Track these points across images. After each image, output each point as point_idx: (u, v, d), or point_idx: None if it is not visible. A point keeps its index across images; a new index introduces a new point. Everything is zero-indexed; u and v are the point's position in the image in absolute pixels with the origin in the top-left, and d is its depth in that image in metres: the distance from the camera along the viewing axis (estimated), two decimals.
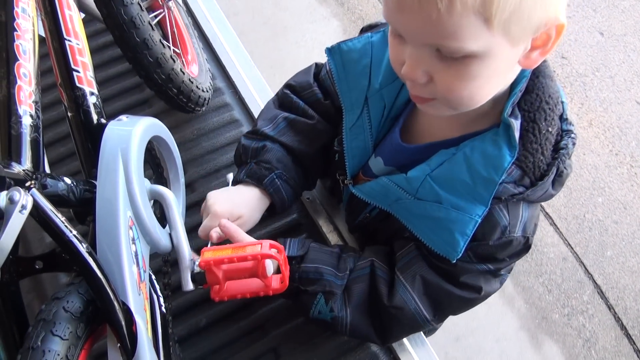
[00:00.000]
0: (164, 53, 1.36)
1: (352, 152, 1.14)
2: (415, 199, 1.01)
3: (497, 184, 0.93)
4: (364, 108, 1.09)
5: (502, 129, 0.93)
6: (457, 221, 0.97)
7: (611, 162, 2.84)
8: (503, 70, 0.85)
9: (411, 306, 1.08)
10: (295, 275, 1.12)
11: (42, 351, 0.81)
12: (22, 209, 0.83)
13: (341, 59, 1.10)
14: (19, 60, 1.01)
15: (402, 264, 1.10)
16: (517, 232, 1.00)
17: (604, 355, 2.43)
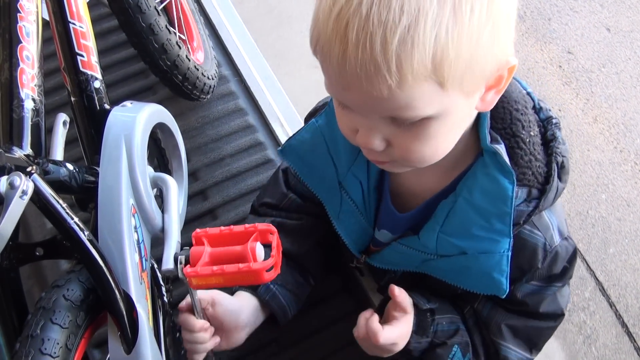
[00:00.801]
0: (170, 39, 1.34)
1: (351, 236, 1.10)
2: (439, 256, 0.98)
3: (510, 215, 0.89)
4: (341, 193, 1.05)
5: (488, 157, 0.89)
6: (489, 263, 0.94)
7: (615, 159, 2.82)
8: (461, 121, 0.82)
9: (514, 356, 1.06)
10: (430, 329, 1.04)
11: (41, 339, 0.80)
12: (23, 194, 0.82)
13: (297, 155, 1.07)
14: (22, 42, 0.99)
15: (485, 319, 1.06)
16: (557, 240, 0.96)
17: (604, 352, 2.42)
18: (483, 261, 0.94)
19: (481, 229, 0.92)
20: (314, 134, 1.04)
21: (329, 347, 1.30)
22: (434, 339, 1.05)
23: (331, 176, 1.04)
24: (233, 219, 1.45)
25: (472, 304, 1.08)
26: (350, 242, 1.11)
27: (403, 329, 1.00)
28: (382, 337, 0.96)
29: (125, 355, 0.90)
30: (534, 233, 0.94)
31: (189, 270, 0.93)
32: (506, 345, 1.05)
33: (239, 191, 1.49)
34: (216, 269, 0.91)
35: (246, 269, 0.91)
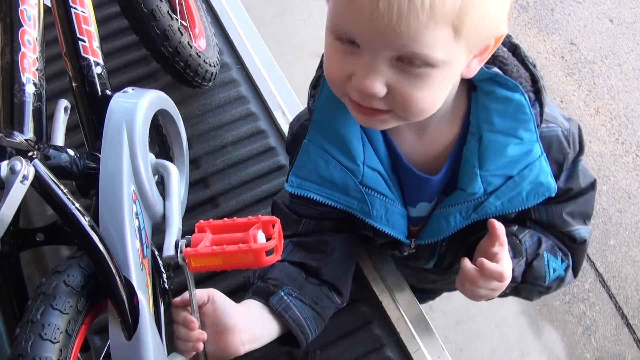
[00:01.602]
0: (172, 25, 1.33)
1: (394, 227, 1.09)
2: (489, 194, 1.01)
3: (532, 119, 0.96)
4: (365, 192, 1.04)
5: (487, 86, 0.96)
6: (533, 173, 0.99)
7: (617, 150, 2.82)
8: (454, 77, 0.87)
9: (587, 232, 1.14)
10: (523, 249, 1.09)
11: (41, 325, 0.80)
12: (24, 179, 0.81)
13: (308, 181, 1.05)
14: (23, 26, 0.98)
15: (547, 220, 1.11)
16: (566, 123, 1.04)
17: (603, 343, 2.43)
18: (528, 175, 0.99)
19: (514, 147, 0.97)
20: (311, 152, 1.04)
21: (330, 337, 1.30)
22: (528, 256, 1.09)
23: (350, 181, 1.03)
24: (234, 207, 1.45)
25: (528, 217, 1.12)
26: (395, 232, 1.10)
27: (508, 258, 1.03)
28: (506, 270, 0.99)
29: (126, 341, 0.90)
30: (550, 127, 1.01)
31: (189, 250, 0.92)
32: (574, 228, 1.11)
33: (240, 179, 1.49)
34: (216, 248, 0.92)
35: (246, 249, 0.90)
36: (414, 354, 1.28)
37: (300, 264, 1.14)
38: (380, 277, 1.35)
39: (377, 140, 1.02)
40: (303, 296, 1.11)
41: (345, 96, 0.88)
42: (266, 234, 0.96)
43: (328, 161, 1.03)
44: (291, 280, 1.12)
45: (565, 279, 1.15)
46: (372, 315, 1.32)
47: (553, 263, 1.11)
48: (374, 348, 1.29)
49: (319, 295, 1.14)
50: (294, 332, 1.10)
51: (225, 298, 1.06)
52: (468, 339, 2.40)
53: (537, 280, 1.11)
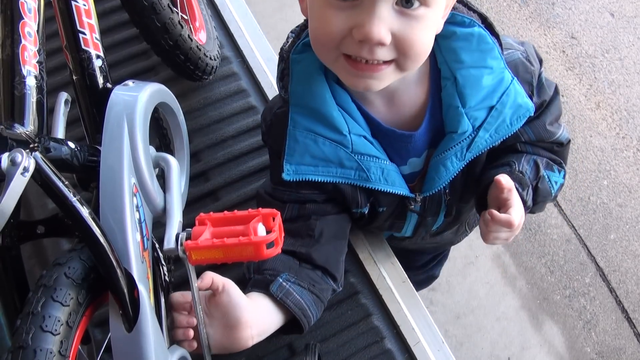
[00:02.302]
0: (172, 18, 1.33)
1: (393, 184, 1.12)
2: (478, 130, 1.06)
3: (495, 47, 1.03)
4: (358, 159, 1.08)
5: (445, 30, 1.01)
6: (511, 97, 1.05)
7: (618, 145, 2.82)
8: (439, 21, 0.95)
9: (566, 133, 1.21)
10: (525, 179, 1.14)
11: (42, 316, 0.80)
12: (24, 171, 0.81)
13: (303, 165, 1.08)
14: (23, 18, 0.98)
15: (534, 140, 1.18)
16: (521, 47, 1.11)
17: (603, 337, 2.43)
18: (507, 101, 1.05)
19: (488, 77, 1.04)
20: (298, 136, 1.07)
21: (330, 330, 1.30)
22: (531, 183, 1.15)
23: (342, 153, 1.07)
24: (235, 201, 1.45)
25: (518, 141, 1.18)
26: (397, 189, 1.12)
27: (517, 198, 1.09)
28: (515, 218, 1.06)
29: (127, 333, 0.90)
30: (509, 52, 1.09)
31: (190, 242, 0.93)
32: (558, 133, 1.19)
33: (240, 173, 1.48)
34: (217, 241, 0.92)
35: (246, 242, 0.91)
36: (414, 347, 1.28)
37: (292, 252, 1.15)
38: (380, 270, 1.35)
39: (352, 111, 1.06)
40: (301, 281, 1.13)
41: (338, 59, 0.93)
42: (267, 226, 0.97)
43: (316, 140, 1.06)
44: (287, 267, 1.13)
45: (564, 183, 1.24)
46: (372, 308, 1.32)
47: (554, 177, 1.19)
48: (374, 341, 1.29)
49: (315, 278, 1.16)
50: (297, 316, 1.10)
51: (238, 291, 1.06)
52: (468, 333, 2.40)
53: (545, 197, 1.19)
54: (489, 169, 1.17)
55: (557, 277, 2.53)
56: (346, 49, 0.90)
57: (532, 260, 2.56)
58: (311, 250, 1.15)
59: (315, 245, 1.16)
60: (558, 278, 2.53)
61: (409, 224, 1.28)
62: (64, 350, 0.80)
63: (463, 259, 2.52)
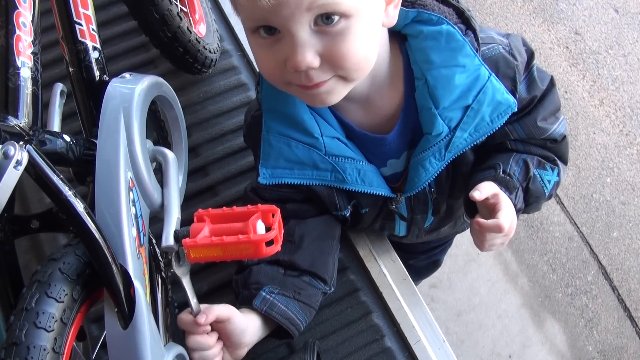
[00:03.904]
0: (171, 10, 1.32)
1: (372, 185, 1.11)
2: (455, 130, 1.04)
3: (465, 44, 0.99)
4: (333, 161, 1.08)
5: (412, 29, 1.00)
6: (488, 95, 1.02)
7: (621, 142, 2.80)
8: (374, 26, 0.90)
9: (563, 127, 1.17)
10: (515, 182, 1.12)
11: (36, 313, 0.79)
12: (17, 164, 0.80)
13: (279, 169, 1.09)
14: (18, 8, 0.96)
15: (525, 137, 1.15)
16: (505, 40, 1.07)
17: (605, 336, 2.42)
18: (484, 99, 1.02)
19: (460, 76, 1.00)
20: (271, 140, 1.08)
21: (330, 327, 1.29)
22: (521, 184, 1.13)
23: (315, 155, 1.07)
24: (234, 196, 1.43)
25: (507, 139, 1.16)
26: (376, 189, 1.12)
27: (506, 202, 1.08)
28: (503, 222, 1.04)
29: (122, 330, 0.89)
30: (490, 47, 1.05)
31: (188, 240, 0.91)
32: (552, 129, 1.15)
33: (240, 168, 1.47)
34: (215, 239, 0.90)
35: (245, 240, 0.89)
36: (414, 346, 1.27)
37: (275, 261, 1.16)
38: (381, 267, 1.34)
39: (325, 113, 1.06)
40: (285, 290, 1.14)
41: (289, 86, 0.93)
42: (266, 223, 0.95)
43: (289, 143, 1.07)
44: (270, 279, 1.15)
45: (560, 181, 1.20)
46: (372, 306, 1.31)
47: (546, 176, 1.16)
48: (374, 339, 1.28)
49: (301, 285, 1.16)
50: (284, 326, 1.13)
51: (242, 318, 1.10)
52: (469, 331, 2.39)
53: (538, 198, 1.17)
54: (477, 171, 1.15)
55: (559, 275, 2.52)
56: (288, 78, 0.91)
57: (534, 258, 2.55)
58: (294, 257, 1.16)
59: (297, 251, 1.17)
60: (560, 276, 2.52)
61: (400, 224, 1.28)
62: (57, 347, 0.79)
63: (464, 256, 2.51)
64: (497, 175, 1.11)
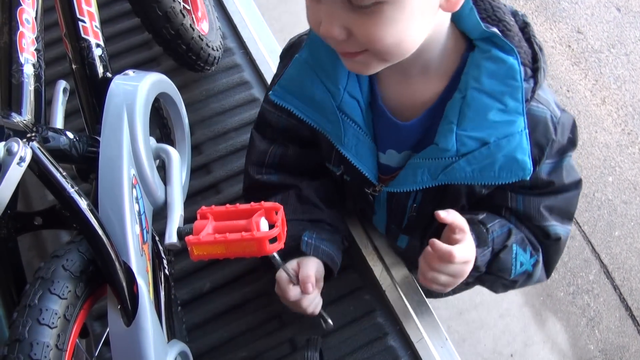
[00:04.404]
0: (174, 7, 1.32)
1: (361, 160, 1.08)
2: (461, 156, 0.99)
3: (522, 88, 0.93)
4: (341, 118, 1.04)
5: (484, 44, 0.94)
6: (511, 146, 0.96)
7: (623, 141, 2.80)
8: (421, 13, 0.83)
9: (563, 231, 1.11)
10: (489, 238, 1.06)
11: (39, 309, 0.79)
12: (21, 161, 0.80)
13: (290, 94, 1.07)
14: (21, 5, 0.96)
15: (522, 213, 1.09)
16: (558, 112, 1.01)
17: (607, 335, 2.42)
18: (505, 146, 0.96)
19: (497, 113, 0.95)
20: (300, 68, 1.05)
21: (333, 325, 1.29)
22: (494, 246, 1.07)
23: (328, 103, 1.04)
24: (237, 194, 1.43)
25: (504, 205, 1.10)
26: (362, 166, 1.09)
27: (470, 245, 1.02)
28: (456, 252, 0.97)
29: (125, 327, 0.89)
30: (540, 107, 0.99)
31: (191, 238, 0.91)
32: (550, 224, 1.10)
33: (242, 166, 1.46)
34: (219, 236, 0.90)
35: (249, 237, 0.89)
36: (417, 344, 1.27)
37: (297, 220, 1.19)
38: (384, 267, 1.34)
39: (361, 75, 1.03)
40: (318, 232, 1.18)
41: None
42: (269, 220, 0.95)
43: (313, 80, 1.04)
44: (301, 229, 1.17)
45: (533, 275, 1.13)
46: (375, 304, 1.31)
47: (521, 256, 1.09)
48: (377, 337, 1.28)
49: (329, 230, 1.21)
50: (330, 265, 1.17)
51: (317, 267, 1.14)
52: (471, 329, 2.39)
53: (502, 272, 1.09)
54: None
55: (561, 274, 2.51)
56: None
57: None
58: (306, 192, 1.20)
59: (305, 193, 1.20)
60: (562, 275, 2.51)
61: (377, 218, 1.26)
62: (61, 344, 0.79)
63: None
64: (475, 220, 1.06)
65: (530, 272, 1.11)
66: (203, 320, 1.29)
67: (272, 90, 1.08)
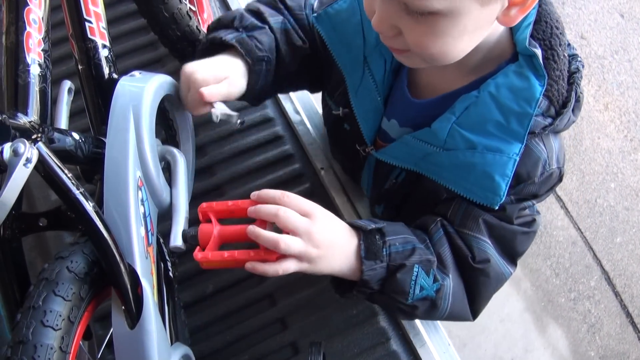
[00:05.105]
0: (180, 9, 1.31)
1: (364, 115, 1.08)
2: (444, 150, 0.97)
3: (531, 117, 0.91)
4: (364, 67, 1.05)
5: (524, 60, 0.91)
6: (495, 163, 0.93)
7: (625, 147, 2.80)
8: (474, 28, 0.83)
9: (494, 257, 1.02)
10: (383, 252, 0.96)
11: (43, 311, 0.78)
12: (27, 162, 0.79)
13: (330, 23, 1.07)
14: (29, 5, 0.96)
15: (460, 220, 1.02)
16: (554, 164, 0.98)
17: (608, 341, 2.42)
18: (489, 160, 0.94)
19: (497, 127, 0.93)
20: (351, 3, 1.05)
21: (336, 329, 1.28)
22: (390, 262, 0.96)
23: (358, 47, 1.04)
24: (240, 196, 1.42)
25: (444, 214, 1.04)
26: (363, 122, 1.08)
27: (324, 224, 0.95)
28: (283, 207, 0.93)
29: (129, 330, 0.88)
30: (540, 147, 0.96)
31: (200, 256, 0.94)
32: (484, 240, 1.01)
33: (247, 168, 1.46)
34: (227, 255, 0.93)
35: (258, 257, 0.92)
36: (420, 349, 1.27)
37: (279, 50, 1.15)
38: None
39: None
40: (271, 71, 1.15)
41: None
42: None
43: (356, 21, 1.04)
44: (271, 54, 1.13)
45: (438, 306, 1.01)
46: (378, 308, 1.31)
47: (422, 280, 0.98)
48: (380, 342, 1.27)
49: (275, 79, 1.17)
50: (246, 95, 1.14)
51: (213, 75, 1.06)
52: (472, 334, 2.38)
53: (397, 294, 0.98)
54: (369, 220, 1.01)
55: (562, 280, 2.51)
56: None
57: (538, 262, 2.54)
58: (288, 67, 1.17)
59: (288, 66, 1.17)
60: (563, 281, 2.51)
61: (364, 179, 1.21)
62: (64, 346, 0.79)
63: None
64: (369, 229, 0.97)
65: (433, 299, 1.00)
66: (205, 323, 1.29)
67: (318, 14, 1.09)
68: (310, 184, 1.44)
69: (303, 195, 0.97)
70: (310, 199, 0.96)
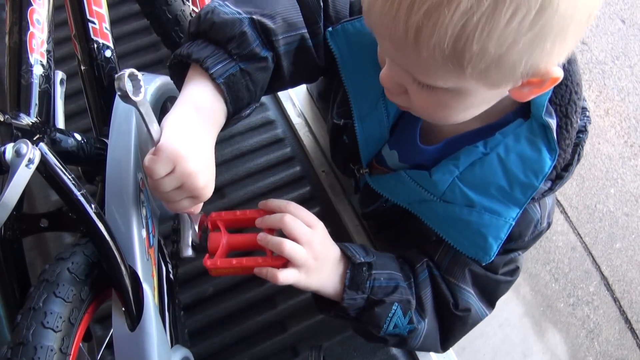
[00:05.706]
0: (184, 10, 1.31)
1: (366, 141, 1.04)
2: (442, 201, 0.95)
3: (536, 189, 0.90)
4: (380, 100, 0.97)
5: (538, 127, 0.88)
6: (491, 225, 0.93)
7: (626, 153, 2.79)
8: (481, 103, 0.81)
9: (475, 305, 1.04)
10: (367, 284, 0.98)
11: (43, 312, 0.78)
12: (29, 163, 0.79)
13: (346, 42, 0.96)
14: (32, 5, 0.96)
15: (447, 266, 1.03)
16: (545, 222, 0.98)
17: (606, 347, 2.41)
18: (486, 221, 0.93)
19: (500, 191, 0.91)
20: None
21: (336, 331, 1.28)
22: (371, 295, 0.98)
23: (376, 79, 0.89)
24: (241, 198, 1.42)
25: (431, 256, 1.04)
26: (363, 147, 1.04)
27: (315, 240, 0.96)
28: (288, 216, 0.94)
29: (129, 332, 0.88)
30: (535, 208, 0.96)
31: (209, 263, 0.96)
32: (466, 289, 1.02)
33: (248, 170, 1.46)
34: (235, 262, 0.96)
35: (264, 264, 0.95)
36: (419, 353, 1.27)
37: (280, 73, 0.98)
38: None
39: None
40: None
41: None
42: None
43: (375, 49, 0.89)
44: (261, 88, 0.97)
45: (407, 342, 1.04)
46: None
47: (398, 319, 1.00)
48: (379, 346, 1.27)
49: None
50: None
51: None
52: (470, 338, 2.36)
53: (370, 325, 1.01)
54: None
55: (561, 285, 2.51)
56: None
57: (537, 267, 2.53)
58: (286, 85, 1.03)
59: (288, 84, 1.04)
60: (562, 286, 2.51)
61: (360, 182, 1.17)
62: (65, 348, 0.79)
63: None
64: (357, 261, 0.98)
65: (404, 337, 1.03)
66: (205, 325, 1.28)
67: (334, 28, 0.95)
68: (311, 187, 1.44)
69: (304, 198, 0.98)
70: (311, 202, 0.97)
